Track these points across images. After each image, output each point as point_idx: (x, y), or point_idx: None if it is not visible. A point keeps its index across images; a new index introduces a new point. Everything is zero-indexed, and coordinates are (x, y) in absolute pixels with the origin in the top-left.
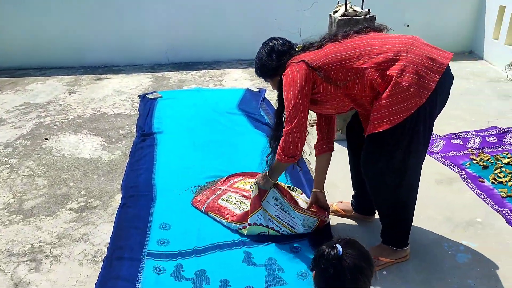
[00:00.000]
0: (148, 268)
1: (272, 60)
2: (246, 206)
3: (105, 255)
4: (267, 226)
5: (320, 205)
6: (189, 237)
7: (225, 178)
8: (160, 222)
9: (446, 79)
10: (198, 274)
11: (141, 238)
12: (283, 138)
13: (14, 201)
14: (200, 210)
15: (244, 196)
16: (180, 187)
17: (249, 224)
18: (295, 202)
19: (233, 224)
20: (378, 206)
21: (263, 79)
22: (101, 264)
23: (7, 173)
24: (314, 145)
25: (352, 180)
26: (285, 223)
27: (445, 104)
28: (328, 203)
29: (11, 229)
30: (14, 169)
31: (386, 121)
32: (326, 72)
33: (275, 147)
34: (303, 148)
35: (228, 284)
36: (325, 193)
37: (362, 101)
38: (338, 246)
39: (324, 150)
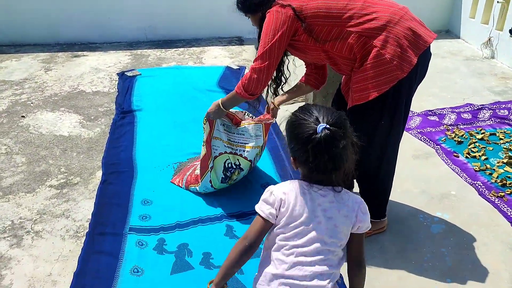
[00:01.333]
0: (131, 243)
1: None
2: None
3: (87, 230)
4: (225, 153)
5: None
6: (171, 212)
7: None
8: (142, 198)
9: (426, 56)
10: (181, 247)
11: (122, 213)
12: (248, 74)
13: None
14: (181, 187)
15: None
16: (161, 163)
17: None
18: (238, 121)
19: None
20: (358, 178)
21: (243, 13)
22: (83, 239)
23: None
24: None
25: None
26: (239, 143)
27: (421, 80)
28: None
29: None
30: None
31: (368, 92)
32: (310, 25)
33: None
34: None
35: (211, 257)
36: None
37: (338, 61)
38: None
39: (310, 82)
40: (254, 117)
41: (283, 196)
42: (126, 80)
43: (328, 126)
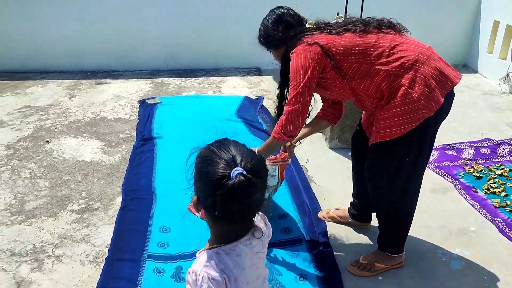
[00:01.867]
0: (149, 270)
1: (278, 30)
2: None
3: (106, 256)
4: None
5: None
6: (189, 240)
7: None
8: (160, 225)
9: (451, 95)
10: None
11: (141, 240)
12: (284, 117)
13: (15, 202)
14: (197, 216)
15: None
16: (180, 191)
17: None
18: None
19: None
20: (378, 213)
21: (265, 48)
22: (102, 265)
23: (8, 174)
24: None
25: (353, 188)
26: None
27: (445, 118)
28: (325, 210)
29: (13, 230)
30: (16, 170)
31: (394, 130)
32: (338, 63)
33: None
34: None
35: None
36: (323, 200)
37: (364, 98)
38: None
39: (327, 117)
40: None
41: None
42: (147, 108)
43: (244, 172)
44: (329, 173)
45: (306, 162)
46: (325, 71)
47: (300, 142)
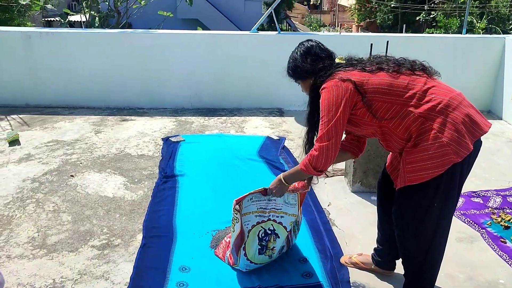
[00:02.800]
0: None
1: (307, 62)
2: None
3: None
4: (257, 223)
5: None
6: (208, 282)
7: None
8: (180, 265)
9: (479, 143)
10: None
11: (160, 279)
12: (316, 152)
13: (38, 235)
14: (223, 261)
15: None
16: (200, 230)
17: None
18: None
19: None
20: (404, 260)
21: (293, 80)
22: None
23: (33, 207)
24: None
25: (378, 233)
26: (271, 208)
27: (472, 165)
28: (347, 255)
29: (34, 263)
30: (40, 204)
31: (422, 174)
32: (370, 100)
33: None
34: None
35: None
36: (345, 244)
37: (391, 138)
38: None
39: (350, 149)
40: None
41: None
42: (170, 145)
43: None
44: (351, 217)
45: (328, 205)
46: (356, 108)
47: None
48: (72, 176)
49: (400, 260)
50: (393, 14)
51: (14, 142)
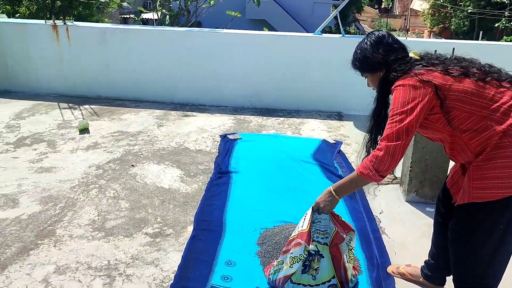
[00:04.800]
0: None
1: (379, 52)
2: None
3: (171, 282)
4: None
5: None
6: (252, 277)
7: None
8: (226, 259)
9: None
10: None
11: (206, 271)
12: (380, 152)
13: (98, 219)
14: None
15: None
16: (249, 227)
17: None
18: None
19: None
20: (457, 282)
21: (359, 73)
22: None
23: (96, 192)
24: None
25: (431, 247)
26: (315, 230)
27: None
28: (395, 265)
29: (93, 244)
30: (102, 189)
31: (490, 192)
32: (449, 107)
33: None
34: None
35: None
36: (394, 254)
37: (460, 149)
38: None
39: None
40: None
41: None
42: (227, 142)
43: None
44: (403, 226)
45: (380, 213)
46: (431, 112)
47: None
48: (133, 166)
49: (451, 277)
50: (470, 20)
51: (84, 130)
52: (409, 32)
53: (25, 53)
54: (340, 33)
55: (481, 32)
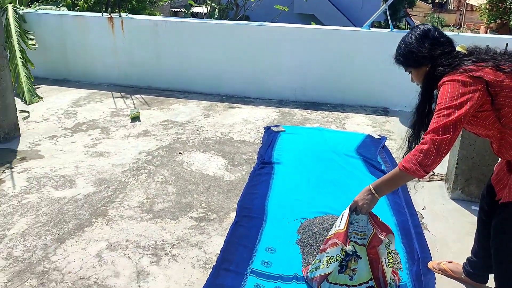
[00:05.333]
0: (250, 284)
1: (424, 47)
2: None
3: (214, 263)
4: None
5: None
6: (291, 264)
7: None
8: (267, 245)
9: None
10: None
11: (247, 255)
12: (425, 146)
13: (147, 201)
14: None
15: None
16: (290, 216)
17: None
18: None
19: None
20: (498, 281)
21: (403, 68)
22: (209, 271)
23: (145, 177)
24: None
25: (474, 245)
26: (353, 230)
27: None
28: (436, 260)
29: (141, 225)
30: (151, 174)
31: None
32: (499, 104)
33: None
34: None
35: None
36: (435, 250)
37: (509, 145)
38: None
39: None
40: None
41: None
42: (270, 134)
43: None
44: (446, 224)
45: (423, 209)
46: (481, 109)
47: None
48: (180, 153)
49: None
50: None
51: (135, 118)
52: (463, 28)
53: (83, 44)
54: (389, 28)
55: None
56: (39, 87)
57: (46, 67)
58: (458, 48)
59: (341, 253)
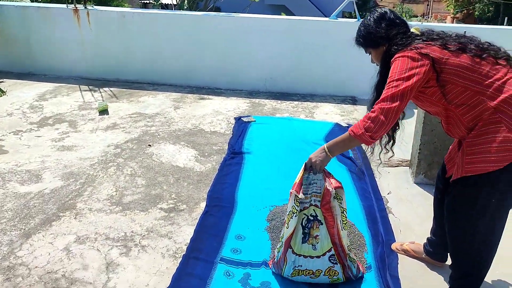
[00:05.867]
0: (220, 271)
1: (381, 27)
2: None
3: (184, 253)
4: (300, 211)
5: None
6: (260, 250)
7: None
8: (236, 233)
9: None
10: (263, 285)
11: (217, 244)
12: (373, 114)
13: (116, 194)
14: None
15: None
16: (259, 204)
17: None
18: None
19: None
20: (453, 257)
21: (363, 49)
22: (179, 260)
23: (114, 170)
24: None
25: (433, 224)
26: (312, 192)
27: None
28: (399, 242)
29: (111, 217)
30: (120, 167)
31: (481, 166)
32: (444, 81)
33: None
34: None
35: None
36: (399, 232)
37: (455, 123)
38: None
39: None
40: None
41: None
42: (241, 125)
43: None
44: (410, 207)
45: (388, 194)
46: (427, 85)
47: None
48: (150, 145)
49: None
50: (494, 6)
51: (103, 111)
52: (430, 18)
53: (48, 36)
54: (356, 18)
55: (506, 18)
56: (2, 81)
57: (9, 60)
58: (412, 30)
59: (295, 204)
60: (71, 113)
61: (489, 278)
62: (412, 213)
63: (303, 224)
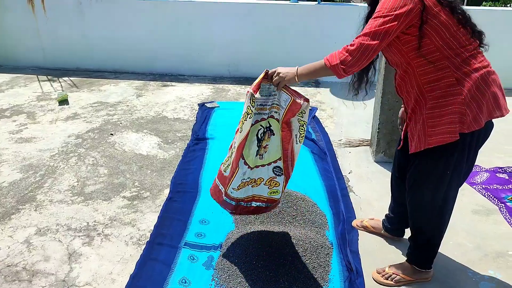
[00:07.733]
0: (184, 256)
1: None
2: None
3: (148, 239)
4: (257, 122)
5: None
6: (224, 233)
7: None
8: (201, 218)
9: (492, 124)
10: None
11: (181, 229)
12: (352, 47)
13: (77, 184)
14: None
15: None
16: None
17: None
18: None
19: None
20: (412, 226)
21: None
22: (143, 247)
23: (75, 160)
24: None
25: (391, 202)
26: (272, 104)
27: (482, 145)
28: (359, 219)
29: (72, 208)
30: (81, 157)
31: (439, 138)
32: (424, 33)
33: None
34: None
35: None
36: (360, 210)
37: (408, 79)
38: None
39: None
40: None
41: None
42: (205, 111)
43: None
44: (370, 185)
45: (349, 173)
46: (406, 31)
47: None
48: (112, 134)
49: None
50: None
51: (63, 101)
52: None
53: (1, 26)
54: (316, 1)
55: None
56: None
57: None
58: None
59: (251, 104)
60: (29, 104)
61: (444, 247)
62: (372, 191)
63: (259, 137)
